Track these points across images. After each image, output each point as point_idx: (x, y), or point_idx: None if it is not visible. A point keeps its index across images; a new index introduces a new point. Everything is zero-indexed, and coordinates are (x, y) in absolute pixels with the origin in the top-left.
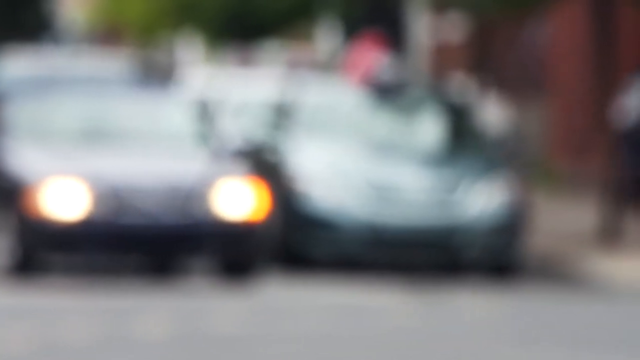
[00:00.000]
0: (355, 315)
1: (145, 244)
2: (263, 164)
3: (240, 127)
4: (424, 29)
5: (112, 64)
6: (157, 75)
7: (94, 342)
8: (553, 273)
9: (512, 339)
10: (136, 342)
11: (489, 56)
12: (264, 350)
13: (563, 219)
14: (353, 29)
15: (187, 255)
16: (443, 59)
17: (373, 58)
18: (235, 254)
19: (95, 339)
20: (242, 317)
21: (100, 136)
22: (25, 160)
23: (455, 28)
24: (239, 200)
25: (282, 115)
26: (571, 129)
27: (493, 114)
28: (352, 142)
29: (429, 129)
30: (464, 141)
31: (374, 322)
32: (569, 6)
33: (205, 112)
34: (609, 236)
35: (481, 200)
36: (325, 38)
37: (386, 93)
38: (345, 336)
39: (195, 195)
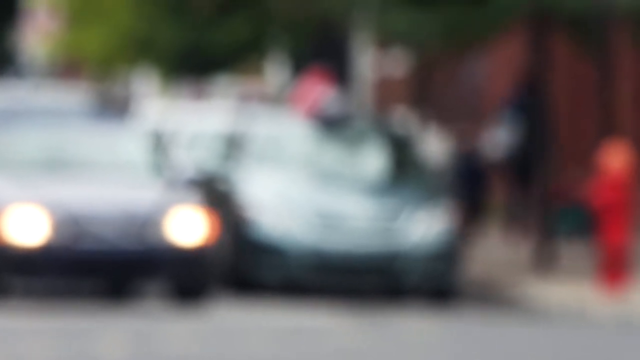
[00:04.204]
0: (302, 337)
1: (103, 269)
2: (215, 192)
3: (193, 157)
4: (368, 64)
5: (71, 96)
6: (114, 107)
7: None
8: (490, 298)
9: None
10: None
11: (429, 90)
12: None
13: (499, 246)
14: (301, 63)
15: (142, 279)
16: (386, 93)
17: (320, 92)
18: (188, 278)
19: (54, 359)
20: (194, 338)
21: (60, 166)
22: None
23: (397, 63)
24: (191, 227)
25: (233, 146)
26: None
27: (433, 146)
28: (299, 172)
29: (372, 159)
30: (405, 172)
31: (319, 343)
32: (506, 42)
33: (159, 143)
34: (543, 262)
35: (421, 228)
36: (275, 72)
37: (332, 125)
38: (291, 357)
39: (150, 222)
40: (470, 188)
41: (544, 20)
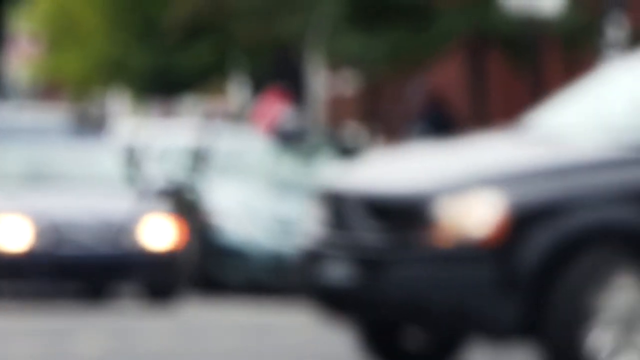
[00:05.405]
0: (263, 333)
1: (82, 272)
2: (183, 201)
3: (162, 170)
4: (321, 84)
5: (51, 116)
6: (90, 125)
7: (36, 359)
8: None
9: None
10: (73, 358)
11: (377, 107)
12: None
13: None
14: (260, 84)
15: (118, 281)
16: (338, 110)
17: (278, 109)
18: (159, 280)
19: (37, 355)
20: (165, 335)
21: (41, 179)
22: None
23: (348, 83)
24: (161, 233)
25: (199, 159)
26: None
27: None
28: (259, 182)
29: (325, 171)
30: None
31: (279, 338)
32: (447, 62)
33: (132, 157)
34: None
35: None
36: (236, 92)
37: (289, 140)
38: (255, 351)
39: (124, 229)
40: None
41: (481, 42)
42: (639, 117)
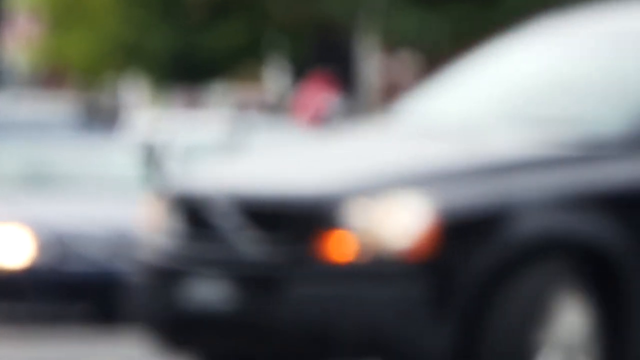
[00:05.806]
0: None
1: (91, 292)
2: None
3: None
4: (374, 68)
5: (55, 107)
6: (101, 118)
7: None
8: None
9: None
10: None
11: None
12: None
13: None
14: (302, 69)
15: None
16: (394, 98)
17: (322, 99)
18: None
19: None
20: None
21: (44, 181)
22: None
23: (406, 67)
24: None
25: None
26: None
27: None
28: None
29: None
30: None
31: None
32: None
33: (151, 156)
34: None
35: None
36: (274, 78)
37: None
38: None
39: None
40: None
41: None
42: (565, 105)
